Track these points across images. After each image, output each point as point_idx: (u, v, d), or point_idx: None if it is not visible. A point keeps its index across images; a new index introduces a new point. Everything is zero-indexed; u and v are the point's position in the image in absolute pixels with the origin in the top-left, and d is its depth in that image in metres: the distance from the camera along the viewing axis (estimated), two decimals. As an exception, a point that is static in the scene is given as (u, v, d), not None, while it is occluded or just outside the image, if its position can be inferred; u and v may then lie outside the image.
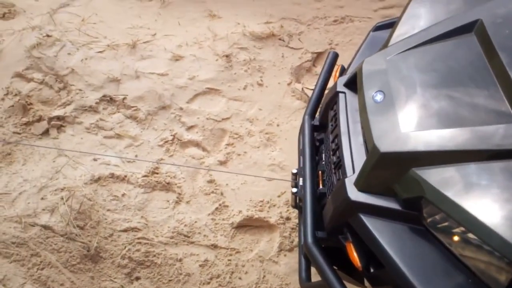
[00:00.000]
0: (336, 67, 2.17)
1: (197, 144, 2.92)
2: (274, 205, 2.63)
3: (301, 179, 1.91)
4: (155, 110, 3.06)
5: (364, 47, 2.01)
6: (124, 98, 3.09)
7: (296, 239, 2.46)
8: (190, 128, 2.99)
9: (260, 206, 2.62)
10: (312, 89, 2.25)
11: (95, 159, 2.75)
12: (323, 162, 1.88)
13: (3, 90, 3.07)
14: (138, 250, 2.30)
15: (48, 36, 3.42)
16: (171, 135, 2.93)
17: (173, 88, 3.18)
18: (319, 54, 3.53)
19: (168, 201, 2.62)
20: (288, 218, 2.55)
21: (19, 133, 2.89)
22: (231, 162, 2.85)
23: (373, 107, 1.45)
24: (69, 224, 2.21)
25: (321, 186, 1.80)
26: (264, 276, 2.34)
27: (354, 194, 1.36)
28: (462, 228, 1.10)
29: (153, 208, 2.57)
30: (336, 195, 1.48)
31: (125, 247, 2.30)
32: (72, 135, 2.93)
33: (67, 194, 2.41)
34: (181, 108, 3.08)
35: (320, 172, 1.84)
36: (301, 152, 1.95)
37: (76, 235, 2.21)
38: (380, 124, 1.37)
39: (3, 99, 3.03)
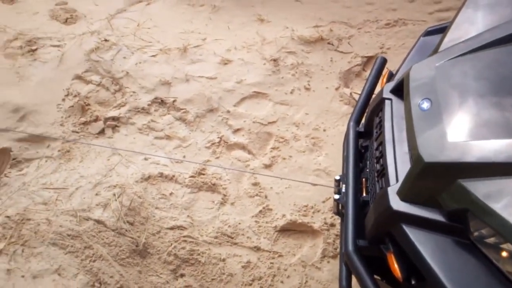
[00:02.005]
0: (384, 73, 2.14)
1: (243, 147, 2.97)
2: (319, 211, 2.62)
3: (344, 185, 1.90)
4: (203, 113, 3.14)
5: (414, 52, 1.97)
6: (174, 101, 3.20)
7: (340, 246, 2.45)
8: (236, 131, 3.05)
9: (304, 211, 2.62)
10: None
11: (146, 159, 2.87)
12: (367, 170, 1.86)
13: (64, 91, 3.27)
14: (183, 248, 2.38)
15: (105, 40, 3.60)
16: (218, 137, 3.00)
17: (221, 91, 3.25)
18: (369, 58, 3.49)
19: (213, 201, 2.69)
20: (332, 225, 2.54)
21: (77, 132, 3.06)
22: (276, 165, 2.88)
23: (419, 115, 1.42)
24: (119, 219, 2.33)
25: (364, 194, 1.78)
26: (306, 282, 2.35)
27: (397, 204, 1.34)
28: (510, 244, 1.07)
29: (198, 208, 2.64)
30: (378, 204, 1.46)
31: (171, 244, 2.38)
32: (125, 135, 3.07)
33: (119, 191, 2.53)
34: (228, 111, 3.14)
35: (364, 179, 1.82)
36: (345, 159, 1.93)
37: (126, 230, 2.32)
38: (425, 133, 1.35)
39: (64, 99, 3.23)
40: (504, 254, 1.10)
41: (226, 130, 3.06)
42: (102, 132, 3.08)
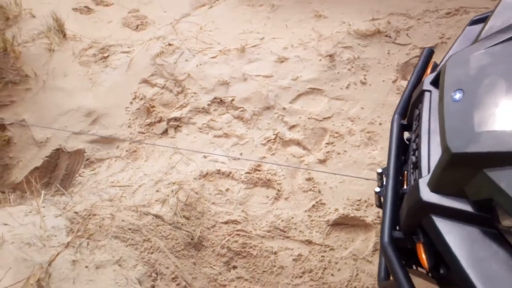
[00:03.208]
0: (430, 64, 2.10)
1: (298, 143, 3.02)
2: (372, 205, 2.61)
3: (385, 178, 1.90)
4: (259, 111, 3.23)
5: (458, 42, 1.89)
6: (232, 100, 3.32)
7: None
8: (292, 127, 3.10)
9: (357, 205, 2.63)
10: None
11: (205, 156, 3.02)
12: (409, 162, 1.85)
13: (131, 95, 3.52)
14: (236, 241, 2.49)
15: (169, 44, 3.82)
16: (274, 134, 3.07)
17: (277, 89, 3.32)
18: (429, 49, 3.37)
19: (267, 197, 2.76)
20: (385, 219, 2.52)
21: (143, 133, 3.29)
22: (331, 160, 2.89)
23: (451, 106, 1.41)
24: (176, 214, 2.48)
25: (405, 187, 1.78)
26: (357, 275, 2.36)
27: (427, 195, 1.34)
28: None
29: (253, 203, 2.73)
30: (410, 195, 1.46)
31: (225, 238, 2.50)
32: (187, 134, 3.24)
33: (177, 188, 2.69)
34: (284, 108, 3.20)
35: (405, 172, 1.81)
36: (388, 152, 1.93)
37: (182, 224, 2.47)
38: (455, 124, 1.34)
39: (131, 102, 3.47)
40: None
41: (281, 127, 3.12)
42: (165, 132, 3.27)
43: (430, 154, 1.47)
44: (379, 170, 1.97)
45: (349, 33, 3.55)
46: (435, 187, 1.33)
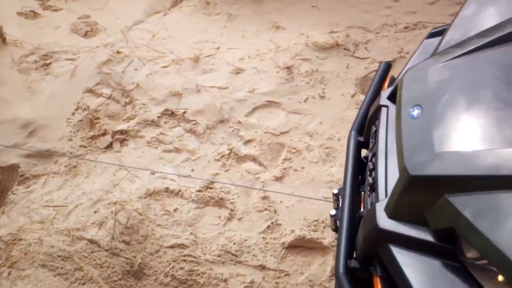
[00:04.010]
0: (387, 78, 1.98)
1: (253, 159, 2.84)
2: (329, 225, 2.46)
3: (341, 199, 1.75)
4: (213, 124, 3.04)
5: (416, 56, 1.81)
6: (184, 112, 3.12)
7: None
8: (247, 142, 2.92)
9: (315, 225, 2.46)
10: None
11: (152, 173, 2.79)
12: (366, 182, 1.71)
13: (74, 105, 3.25)
14: (182, 268, 2.26)
15: (118, 52, 3.58)
16: (228, 149, 2.88)
17: (232, 101, 3.14)
18: (388, 63, 3.30)
19: (220, 217, 2.56)
20: (344, 241, 2.36)
21: (85, 147, 3.02)
22: (288, 178, 2.73)
23: (408, 123, 1.29)
24: (114, 238, 2.24)
25: (362, 209, 1.63)
26: (314, 303, 2.18)
27: (383, 221, 1.20)
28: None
29: (203, 224, 2.53)
30: (366, 221, 1.33)
31: (169, 264, 2.27)
32: (134, 148, 3.00)
33: (118, 208, 2.45)
34: (239, 122, 3.02)
35: (363, 193, 1.67)
36: (344, 171, 1.79)
37: (121, 250, 2.22)
38: (413, 143, 1.22)
39: (73, 113, 3.20)
40: (500, 278, 0.94)
41: (236, 142, 2.94)
42: (110, 146, 3.02)
43: (387, 176, 1.33)
44: (335, 191, 1.82)
45: (307, 45, 3.43)
46: (392, 212, 1.20)
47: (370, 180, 1.46)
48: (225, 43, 3.67)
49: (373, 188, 1.39)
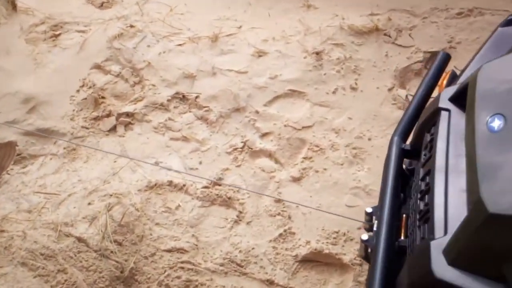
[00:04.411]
0: (445, 73, 1.64)
1: (269, 155, 2.54)
2: (352, 239, 2.15)
3: (376, 222, 1.41)
4: (228, 112, 2.73)
5: (488, 47, 1.49)
6: (197, 97, 2.82)
7: None
8: (264, 135, 2.62)
9: (334, 238, 2.16)
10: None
11: (156, 163, 2.51)
12: (411, 203, 1.37)
13: (79, 81, 3.01)
14: (178, 277, 2.01)
15: (131, 26, 3.30)
16: (242, 142, 2.59)
17: (250, 88, 2.82)
18: (433, 54, 2.89)
19: (226, 219, 2.29)
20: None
21: (87, 128, 2.78)
22: (307, 179, 2.41)
23: (486, 138, 1.03)
24: (105, 238, 1.97)
25: (402, 237, 1.32)
26: (327, 332, 1.87)
27: (441, 269, 0.95)
28: None
29: (207, 226, 2.26)
30: (415, 263, 1.06)
31: (165, 271, 2.01)
32: (139, 133, 2.74)
33: (114, 202, 2.18)
34: (257, 112, 2.70)
35: (404, 216, 1.36)
36: (382, 185, 1.45)
37: (112, 252, 1.97)
38: (492, 166, 0.95)
39: (78, 90, 2.98)
40: None
41: (252, 134, 2.63)
42: (113, 129, 2.77)
43: (448, 205, 1.04)
44: (369, 210, 1.50)
45: (341, 28, 3.06)
46: (456, 259, 0.94)
47: (421, 206, 1.16)
48: (248, 21, 3.32)
49: (426, 218, 1.10)
